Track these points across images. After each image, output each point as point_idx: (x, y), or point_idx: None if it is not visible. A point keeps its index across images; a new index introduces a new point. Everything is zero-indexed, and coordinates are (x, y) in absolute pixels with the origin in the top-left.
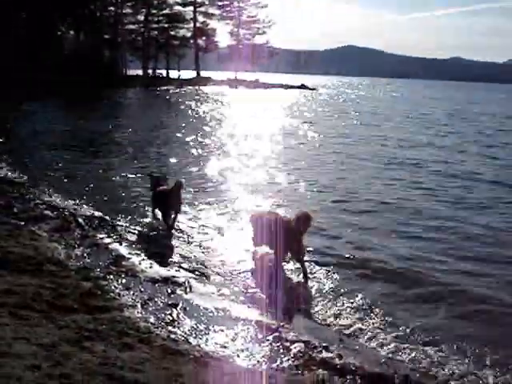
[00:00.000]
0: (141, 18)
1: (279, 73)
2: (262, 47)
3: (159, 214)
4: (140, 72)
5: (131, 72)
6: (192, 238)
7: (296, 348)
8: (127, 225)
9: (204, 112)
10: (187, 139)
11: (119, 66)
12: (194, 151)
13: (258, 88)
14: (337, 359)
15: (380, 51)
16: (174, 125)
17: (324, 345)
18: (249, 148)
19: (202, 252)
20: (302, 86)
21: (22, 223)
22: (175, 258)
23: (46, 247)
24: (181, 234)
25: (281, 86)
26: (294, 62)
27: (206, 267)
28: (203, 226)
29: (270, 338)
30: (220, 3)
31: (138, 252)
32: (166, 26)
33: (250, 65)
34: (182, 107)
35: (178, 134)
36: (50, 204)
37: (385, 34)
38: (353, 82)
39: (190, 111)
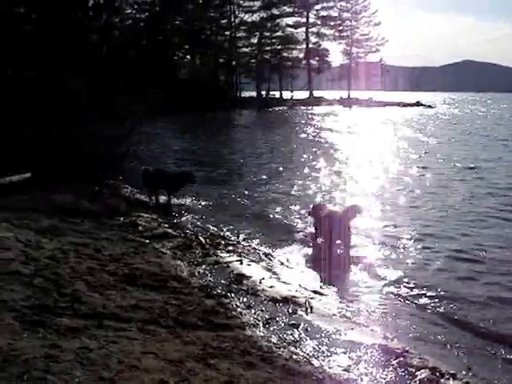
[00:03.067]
0: (254, 41)
1: (393, 90)
2: (375, 65)
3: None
4: (254, 94)
5: (245, 94)
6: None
7: (422, 374)
8: (247, 243)
9: (318, 133)
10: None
11: (234, 88)
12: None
13: (371, 107)
14: None
15: (498, 65)
16: (297, 147)
17: (451, 372)
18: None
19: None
20: (418, 104)
21: (147, 241)
22: (295, 277)
23: (170, 264)
24: (300, 253)
25: (396, 104)
26: (408, 79)
27: (326, 287)
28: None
29: (395, 362)
30: (332, 23)
31: (259, 270)
32: (279, 47)
33: (364, 83)
34: (301, 128)
35: (304, 157)
36: (173, 222)
37: (502, 47)
38: (471, 98)
39: (306, 132)
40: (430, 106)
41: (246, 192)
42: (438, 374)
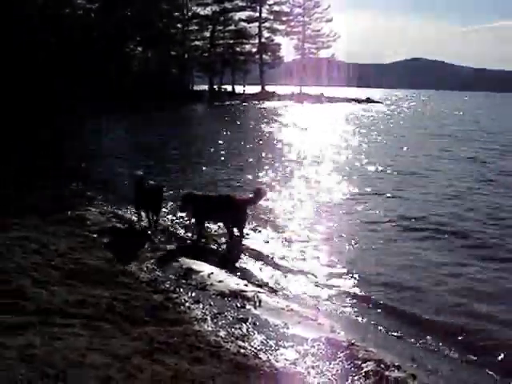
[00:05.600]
0: (207, 34)
1: (344, 86)
2: (327, 61)
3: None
4: (206, 87)
5: (198, 87)
6: (259, 251)
7: (368, 367)
8: (196, 238)
9: (268, 129)
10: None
11: (186, 81)
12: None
13: (322, 103)
14: (410, 380)
15: (447, 63)
16: (242, 141)
17: (396, 364)
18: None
19: (270, 265)
20: (368, 100)
21: (95, 236)
22: (244, 271)
23: (118, 259)
24: (247, 248)
25: (346, 100)
26: (359, 76)
27: (274, 281)
28: (269, 239)
29: (341, 355)
30: (285, 18)
31: (208, 265)
32: (232, 42)
33: (315, 79)
34: (249, 123)
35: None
36: (122, 217)
37: (450, 46)
38: (420, 95)
39: (255, 127)
40: (380, 102)
41: (199, 187)
42: (383, 365)
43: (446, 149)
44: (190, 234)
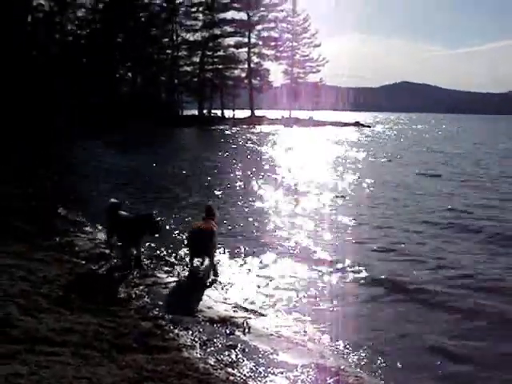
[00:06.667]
0: (196, 59)
1: (333, 110)
2: (315, 85)
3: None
4: (196, 112)
5: (187, 112)
6: (246, 276)
7: None
8: (185, 264)
9: (261, 152)
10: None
11: (175, 106)
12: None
13: (311, 126)
14: None
15: (434, 86)
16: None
17: None
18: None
19: (259, 291)
20: (357, 124)
21: (83, 262)
22: (233, 297)
23: (106, 286)
24: (235, 273)
25: (335, 123)
26: (348, 99)
27: (263, 307)
28: (256, 266)
29: (331, 381)
30: (273, 44)
31: (197, 292)
32: (221, 67)
33: (304, 103)
34: (239, 147)
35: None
36: (110, 243)
37: (436, 69)
38: (409, 118)
39: (246, 151)
40: (369, 126)
41: (185, 215)
42: None
43: None
44: (177, 261)
